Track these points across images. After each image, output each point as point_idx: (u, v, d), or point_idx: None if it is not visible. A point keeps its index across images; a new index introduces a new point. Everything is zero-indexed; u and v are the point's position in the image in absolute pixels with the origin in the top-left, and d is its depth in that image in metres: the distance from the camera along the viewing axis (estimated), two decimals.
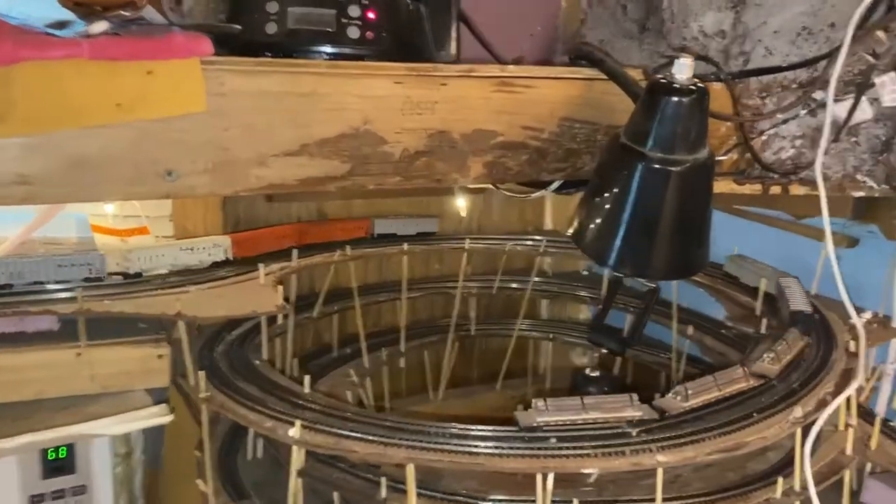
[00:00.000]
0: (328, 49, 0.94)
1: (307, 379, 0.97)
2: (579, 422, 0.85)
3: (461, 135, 1.01)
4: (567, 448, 0.81)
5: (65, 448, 1.15)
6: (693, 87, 0.92)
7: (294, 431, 0.82)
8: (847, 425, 1.03)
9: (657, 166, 0.94)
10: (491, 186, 1.29)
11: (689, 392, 0.95)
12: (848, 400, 1.11)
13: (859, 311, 1.25)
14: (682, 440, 0.82)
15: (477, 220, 1.75)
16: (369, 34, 0.95)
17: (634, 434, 0.84)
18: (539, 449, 0.80)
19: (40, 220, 1.18)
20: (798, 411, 0.88)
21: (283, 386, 0.99)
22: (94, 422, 0.94)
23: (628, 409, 0.92)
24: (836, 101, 1.13)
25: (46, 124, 0.78)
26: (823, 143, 1.07)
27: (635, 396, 0.93)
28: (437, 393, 1.65)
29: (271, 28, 0.93)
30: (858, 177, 1.20)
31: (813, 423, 0.89)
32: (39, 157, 0.79)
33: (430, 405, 1.59)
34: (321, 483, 0.94)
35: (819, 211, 1.35)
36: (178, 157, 0.85)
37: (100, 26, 0.81)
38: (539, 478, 0.79)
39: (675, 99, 0.92)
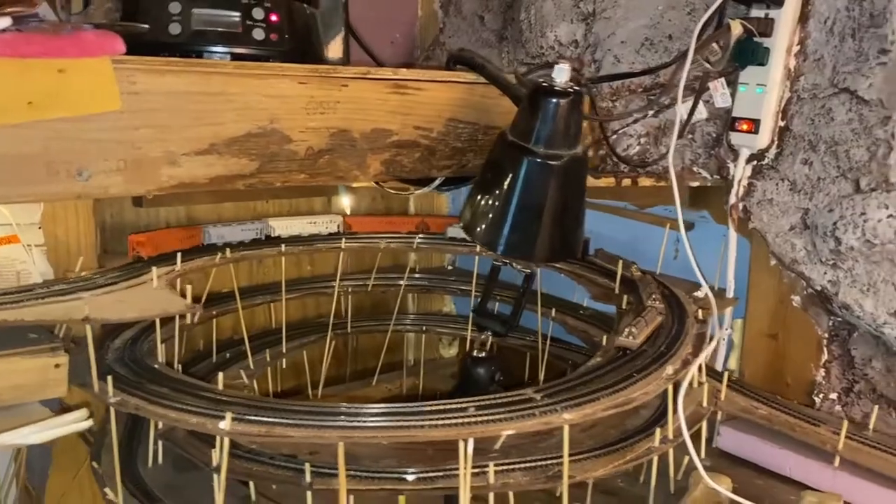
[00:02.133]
0: (234, 50, 0.96)
1: (220, 375, 0.98)
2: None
3: (361, 134, 1.07)
4: (483, 415, 0.89)
5: None
6: (571, 90, 1.04)
7: (225, 424, 0.84)
8: (699, 382, 1.20)
9: (541, 161, 1.05)
10: (372, 184, 1.35)
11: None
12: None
13: (698, 286, 1.44)
14: (580, 400, 0.92)
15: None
16: (273, 36, 0.98)
17: (539, 398, 0.93)
18: (459, 418, 0.88)
19: None
20: (669, 369, 1.02)
21: (196, 384, 0.99)
22: (13, 431, 0.89)
23: None
24: (673, 102, 1.31)
25: None
26: (674, 139, 1.23)
27: None
28: (316, 392, 1.68)
29: (175, 29, 0.94)
30: (695, 169, 1.38)
31: (682, 378, 1.04)
32: None
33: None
34: (243, 477, 0.95)
35: (661, 200, 1.54)
36: (91, 156, 0.84)
37: (3, 22, 0.78)
38: (461, 444, 0.86)
39: (556, 100, 1.03)
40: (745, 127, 1.27)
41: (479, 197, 1.10)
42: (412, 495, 0.92)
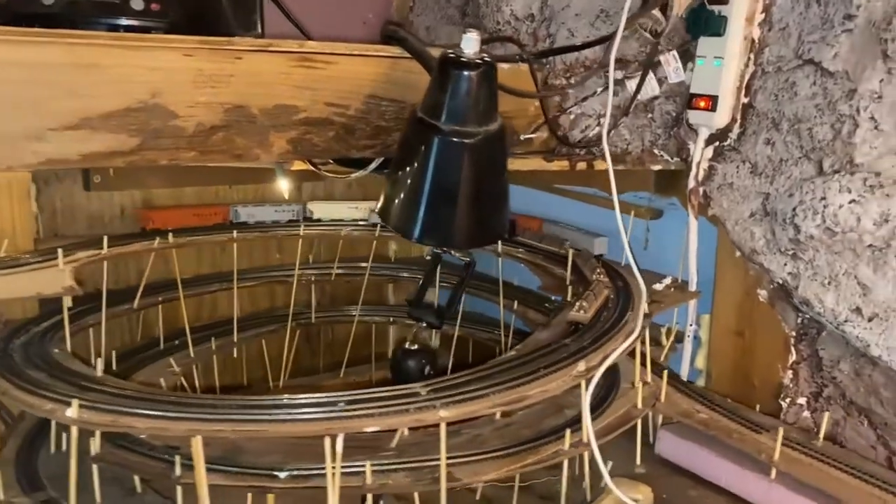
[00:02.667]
0: (112, 21, 0.92)
1: (100, 362, 0.94)
2: None
3: (261, 110, 1.01)
4: (354, 410, 0.82)
5: None
6: (480, 61, 0.95)
7: (71, 411, 0.80)
8: (643, 382, 1.10)
9: (452, 139, 0.97)
10: (312, 169, 1.29)
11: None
12: (645, 359, 1.19)
13: (661, 277, 1.34)
14: (465, 397, 0.85)
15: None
16: (154, 6, 0.93)
17: (424, 393, 0.86)
18: (327, 412, 0.81)
19: None
20: (581, 366, 0.93)
21: (76, 371, 0.95)
22: None
23: None
24: (627, 78, 1.21)
25: None
26: (607, 118, 1.14)
27: None
28: (278, 383, 1.64)
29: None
30: (655, 151, 1.28)
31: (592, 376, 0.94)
32: None
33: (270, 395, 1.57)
34: (117, 466, 0.91)
35: (629, 185, 1.44)
36: None
37: None
38: (327, 441, 0.80)
39: (464, 73, 0.95)
40: (702, 104, 1.16)
41: (392, 180, 1.03)
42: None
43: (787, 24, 1.11)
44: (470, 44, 0.95)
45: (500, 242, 1.46)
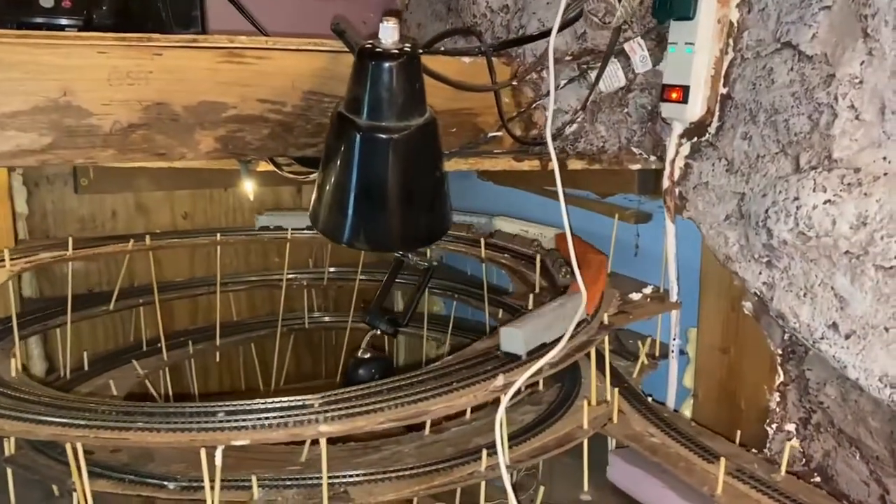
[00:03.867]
0: (20, 19, 0.91)
1: (13, 362, 0.94)
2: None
3: (184, 107, 0.98)
4: (230, 422, 0.77)
5: None
6: (398, 51, 0.89)
7: None
8: (600, 401, 1.01)
9: (373, 135, 0.91)
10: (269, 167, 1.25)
11: None
12: (615, 376, 1.09)
13: (644, 285, 1.23)
14: (355, 411, 0.78)
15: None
16: (66, 3, 0.92)
17: (316, 405, 0.80)
18: (199, 423, 0.76)
19: None
20: (500, 380, 0.85)
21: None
22: None
23: None
24: (591, 68, 1.12)
25: None
26: (550, 111, 1.05)
27: None
28: (269, 387, 1.62)
29: None
30: (633, 149, 1.17)
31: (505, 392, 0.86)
32: None
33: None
34: (27, 471, 0.90)
35: (615, 187, 1.34)
36: None
37: None
38: (203, 452, 0.75)
39: (382, 63, 0.89)
40: (674, 96, 1.06)
41: (319, 182, 0.98)
42: None
43: (766, 3, 0.99)
44: (388, 32, 0.89)
45: (483, 246, 1.39)
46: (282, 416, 0.78)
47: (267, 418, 0.77)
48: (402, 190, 0.94)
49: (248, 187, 1.46)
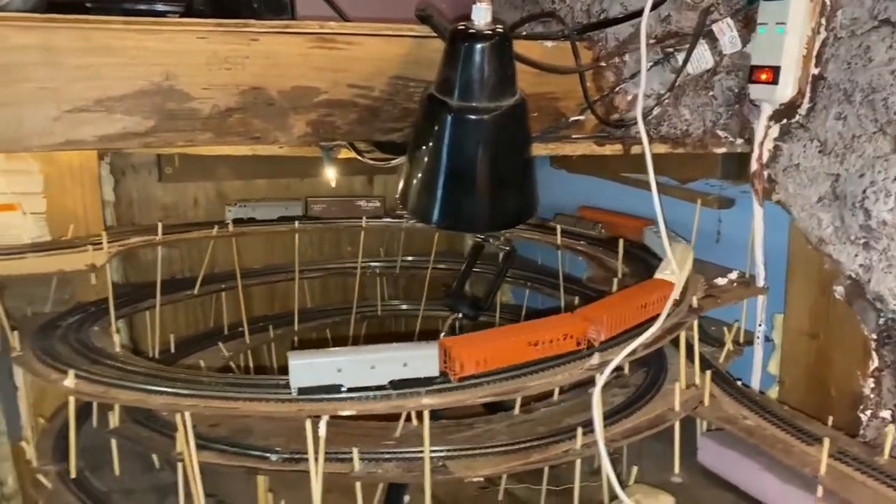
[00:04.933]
0: (132, 6, 0.94)
1: (117, 337, 0.97)
2: None
3: (279, 91, 1.00)
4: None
5: None
6: (491, 32, 0.90)
7: (69, 381, 0.82)
8: (689, 385, 1.00)
9: (464, 115, 0.92)
10: (356, 157, 1.28)
11: None
12: (702, 360, 1.08)
13: (727, 270, 1.21)
14: (462, 384, 0.79)
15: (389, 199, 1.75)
16: None
17: None
18: (279, 393, 0.79)
19: None
20: (595, 358, 0.85)
21: (96, 347, 0.99)
22: None
23: None
24: (676, 50, 1.11)
25: None
26: (641, 92, 1.04)
27: None
28: None
29: None
30: (719, 132, 1.16)
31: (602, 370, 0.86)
32: None
33: None
34: (130, 442, 0.93)
35: (697, 172, 1.32)
36: None
37: None
38: (308, 423, 0.77)
39: (475, 45, 0.90)
40: (764, 77, 1.04)
41: (408, 163, 1.00)
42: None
43: None
44: (481, 13, 0.90)
45: (559, 234, 1.38)
46: (386, 390, 0.80)
47: (371, 390, 0.79)
48: (493, 170, 0.95)
49: (330, 174, 1.49)
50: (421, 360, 0.82)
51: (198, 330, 1.52)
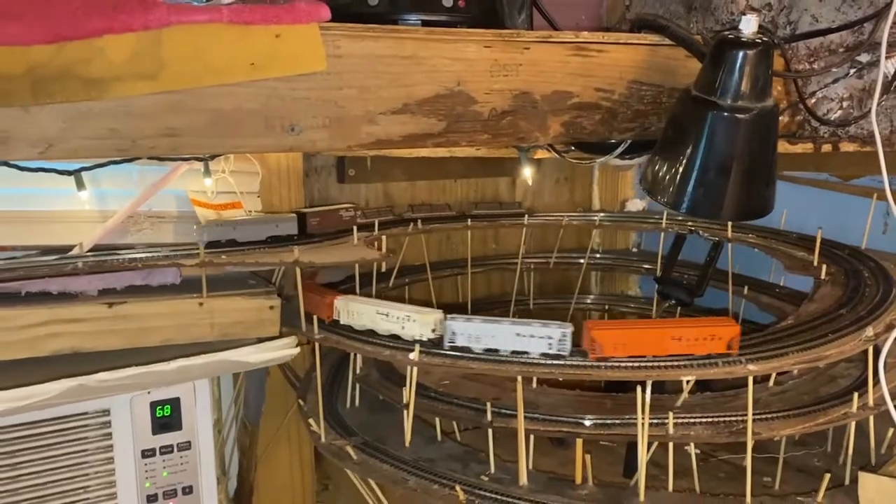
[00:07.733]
0: (424, 17, 1.04)
1: None
2: None
3: (542, 95, 1.10)
4: (663, 362, 0.88)
5: (169, 406, 1.24)
6: (759, 40, 1.01)
7: (414, 355, 0.91)
8: None
9: (727, 114, 1.03)
10: (552, 155, 1.37)
11: None
12: None
13: None
14: (767, 354, 0.89)
15: (531, 200, 1.85)
16: (461, 3, 1.05)
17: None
18: (640, 362, 0.88)
19: (145, 195, 1.28)
20: (870, 331, 0.95)
21: None
22: (235, 350, 1.03)
23: None
24: (872, 63, 1.22)
25: (191, 81, 0.87)
26: (876, 97, 1.15)
27: None
28: None
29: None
30: None
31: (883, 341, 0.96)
32: (185, 112, 0.89)
33: None
34: (429, 414, 1.02)
35: (867, 169, 1.44)
36: (301, 113, 0.94)
37: None
38: (639, 389, 0.87)
39: (743, 51, 1.01)
40: None
41: (660, 156, 1.10)
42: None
43: None
44: (748, 24, 1.01)
45: (729, 228, 1.49)
46: (701, 360, 0.89)
47: (698, 361, 0.89)
48: (745, 166, 1.05)
49: (527, 173, 1.59)
50: None
51: None
